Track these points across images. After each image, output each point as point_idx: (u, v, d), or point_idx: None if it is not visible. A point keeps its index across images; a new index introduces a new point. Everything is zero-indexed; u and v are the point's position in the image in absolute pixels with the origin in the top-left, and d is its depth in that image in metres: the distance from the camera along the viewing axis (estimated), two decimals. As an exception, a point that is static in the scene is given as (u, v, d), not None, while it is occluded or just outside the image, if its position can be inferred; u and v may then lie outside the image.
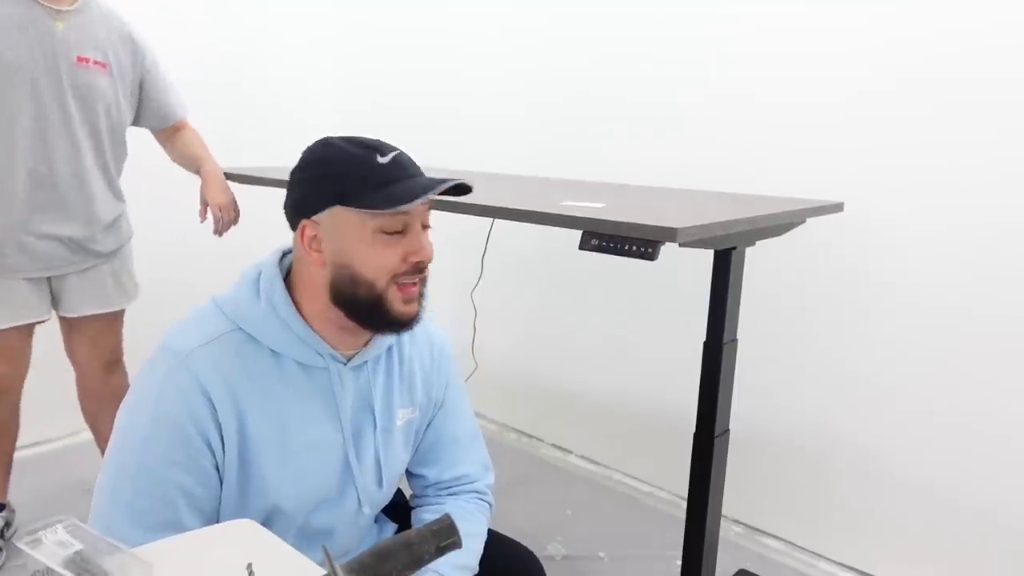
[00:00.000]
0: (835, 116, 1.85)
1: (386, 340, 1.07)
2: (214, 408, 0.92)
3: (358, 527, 1.11)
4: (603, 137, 2.34)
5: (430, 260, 0.98)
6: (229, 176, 1.99)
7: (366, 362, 1.05)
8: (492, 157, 2.54)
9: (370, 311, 0.97)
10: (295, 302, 0.99)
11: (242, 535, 0.78)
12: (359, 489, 1.05)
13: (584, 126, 2.38)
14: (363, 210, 0.93)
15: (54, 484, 2.17)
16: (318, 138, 1.00)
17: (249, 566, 0.66)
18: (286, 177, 1.02)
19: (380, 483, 1.09)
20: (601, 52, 2.31)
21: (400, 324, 0.99)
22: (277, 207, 1.03)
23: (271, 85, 2.86)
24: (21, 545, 0.60)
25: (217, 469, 0.94)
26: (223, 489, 0.95)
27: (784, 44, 1.92)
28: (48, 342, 1.92)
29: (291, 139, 1.27)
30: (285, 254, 1.04)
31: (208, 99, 2.22)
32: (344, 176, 0.94)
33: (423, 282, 1.00)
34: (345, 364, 1.02)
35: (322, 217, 0.95)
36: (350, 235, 0.94)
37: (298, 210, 0.97)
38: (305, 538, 1.03)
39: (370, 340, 1.05)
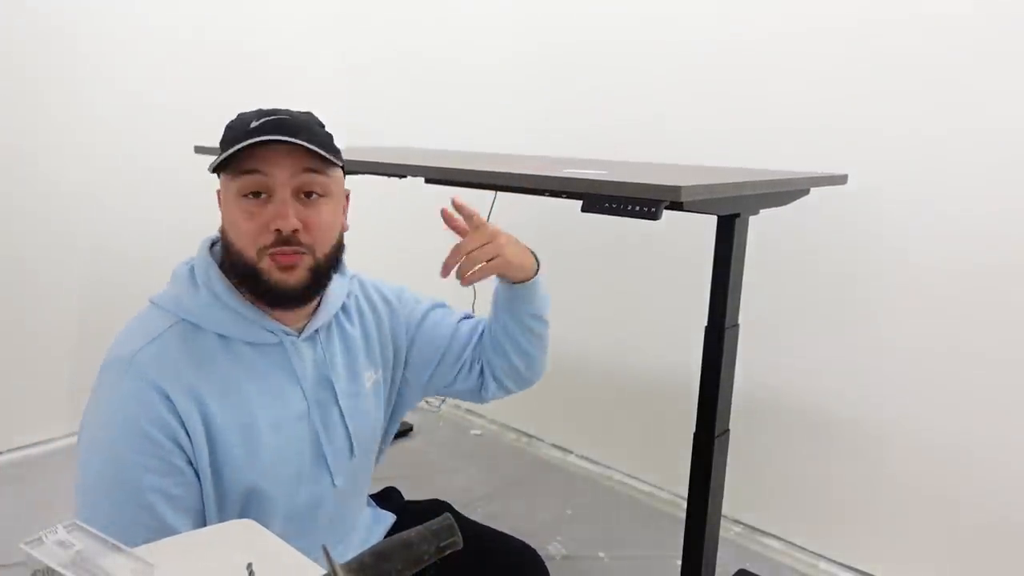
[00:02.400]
0: (837, 93, 1.84)
1: (332, 306, 1.07)
2: (172, 403, 0.91)
3: (345, 504, 1.10)
4: (603, 121, 2.33)
5: (290, 229, 0.92)
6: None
7: (317, 331, 1.05)
8: (489, 140, 2.54)
9: (250, 282, 0.96)
10: (236, 285, 0.99)
11: (242, 535, 0.78)
12: (328, 461, 1.05)
13: (585, 109, 2.37)
14: (225, 173, 0.96)
15: (54, 484, 2.17)
16: None
17: (249, 566, 0.66)
18: None
19: (351, 451, 1.08)
20: (599, 32, 2.31)
21: (284, 296, 0.96)
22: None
23: (271, 58, 2.84)
24: (21, 545, 0.60)
25: (192, 464, 0.93)
26: (201, 481, 0.94)
27: (788, 18, 1.92)
28: (47, 343, 1.92)
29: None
30: (214, 243, 1.04)
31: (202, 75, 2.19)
32: (221, 142, 0.96)
33: (317, 251, 0.96)
34: (298, 336, 1.02)
35: (219, 186, 0.99)
36: (225, 201, 0.98)
37: None
38: (293, 520, 1.02)
39: (316, 309, 1.05)
